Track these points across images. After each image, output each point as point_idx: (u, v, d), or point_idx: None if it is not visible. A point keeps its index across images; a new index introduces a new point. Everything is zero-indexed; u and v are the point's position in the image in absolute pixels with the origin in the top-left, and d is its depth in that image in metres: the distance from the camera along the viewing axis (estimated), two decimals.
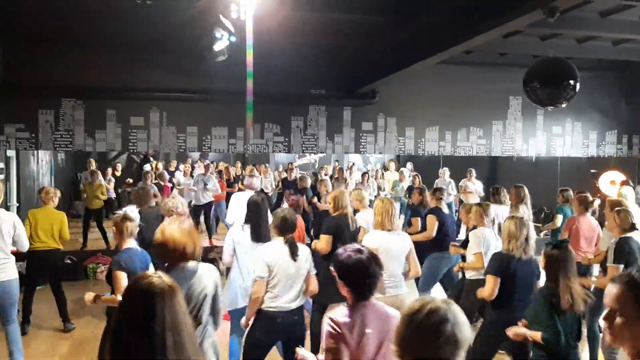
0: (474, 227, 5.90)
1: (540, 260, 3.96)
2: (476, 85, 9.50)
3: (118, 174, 14.61)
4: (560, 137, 9.93)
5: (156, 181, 11.92)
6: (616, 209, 5.41)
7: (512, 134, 9.73)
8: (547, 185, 11.31)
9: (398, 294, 4.89)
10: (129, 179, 14.38)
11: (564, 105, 4.67)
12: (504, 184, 12.39)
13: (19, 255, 8.03)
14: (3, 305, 5.26)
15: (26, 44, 8.01)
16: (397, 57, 7.09)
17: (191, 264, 3.34)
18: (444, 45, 5.93)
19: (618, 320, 1.89)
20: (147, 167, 15.40)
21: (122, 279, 4.24)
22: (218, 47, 6.11)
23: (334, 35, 7.42)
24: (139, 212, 6.25)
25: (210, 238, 11.54)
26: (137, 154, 16.91)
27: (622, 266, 4.95)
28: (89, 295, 4.46)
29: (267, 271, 4.10)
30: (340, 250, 2.99)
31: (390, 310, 2.92)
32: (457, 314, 1.99)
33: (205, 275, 3.34)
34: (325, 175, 13.85)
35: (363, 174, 13.49)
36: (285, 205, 8.37)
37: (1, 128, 8.00)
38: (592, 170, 10.52)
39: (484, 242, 5.62)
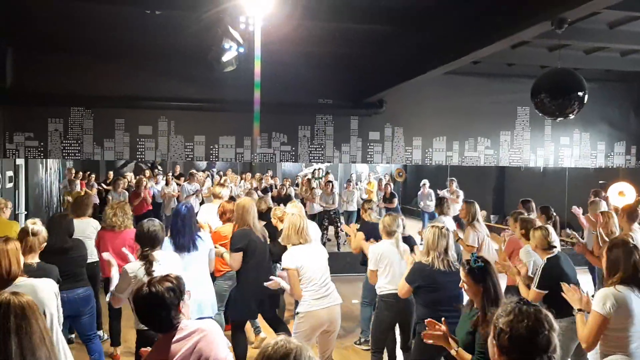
0: None
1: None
2: (484, 96, 9.49)
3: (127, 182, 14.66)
4: (568, 147, 9.89)
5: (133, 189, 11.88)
6: (537, 225, 5.17)
7: (520, 144, 9.70)
8: (555, 196, 11.26)
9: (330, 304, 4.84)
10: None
11: (572, 117, 4.65)
12: (512, 194, 12.38)
13: None
14: None
15: (36, 53, 8.09)
16: (405, 67, 7.10)
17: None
18: (451, 55, 5.94)
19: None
20: (127, 173, 15.41)
21: None
22: (226, 57, 6.13)
23: (342, 45, 7.44)
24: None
25: None
26: (145, 163, 16.98)
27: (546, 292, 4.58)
28: None
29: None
30: None
31: None
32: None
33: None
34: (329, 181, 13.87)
35: (347, 181, 13.57)
36: None
37: (10, 137, 8.06)
38: (600, 181, 10.47)
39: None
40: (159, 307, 2.70)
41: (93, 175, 14.39)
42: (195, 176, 12.62)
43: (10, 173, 9.04)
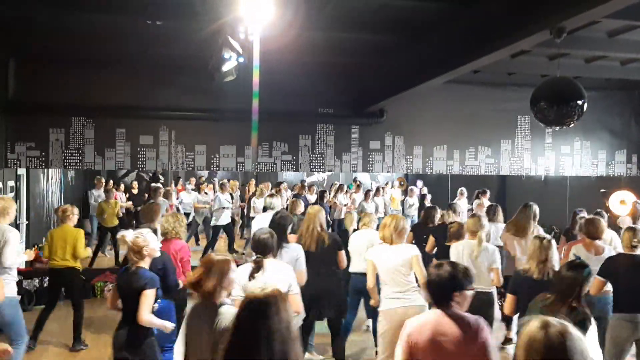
0: None
1: None
2: (484, 105, 9.50)
3: (135, 191, 14.70)
4: (569, 156, 9.88)
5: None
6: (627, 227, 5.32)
7: (521, 153, 9.70)
8: (557, 204, 11.23)
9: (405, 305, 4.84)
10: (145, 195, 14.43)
11: (571, 125, 4.65)
12: (514, 203, 12.34)
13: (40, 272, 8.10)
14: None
15: (38, 64, 8.13)
16: (405, 76, 7.12)
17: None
18: (451, 64, 5.95)
19: None
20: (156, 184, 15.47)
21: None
22: (226, 67, 6.17)
23: (342, 55, 7.47)
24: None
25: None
26: (146, 172, 16.99)
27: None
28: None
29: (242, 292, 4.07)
30: None
31: None
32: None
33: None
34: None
35: (366, 193, 13.42)
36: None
37: (12, 146, 8.09)
38: (602, 190, 10.44)
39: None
40: None
41: (121, 186, 14.54)
42: (227, 186, 12.64)
43: (11, 183, 9.05)
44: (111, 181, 14.49)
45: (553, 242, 4.62)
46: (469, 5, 5.38)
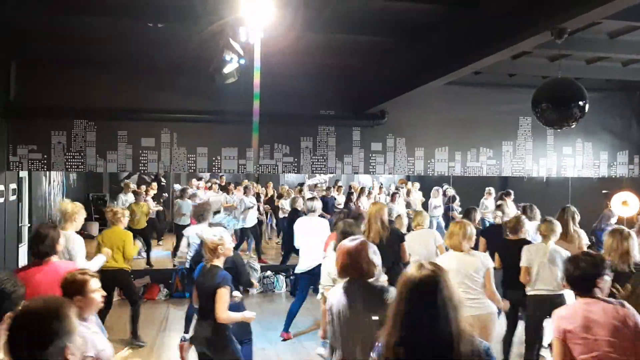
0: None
1: None
2: (485, 106, 9.50)
3: (154, 192, 14.70)
4: (570, 157, 9.88)
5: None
6: None
7: (522, 154, 9.69)
8: (558, 205, 11.19)
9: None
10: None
11: (572, 126, 4.65)
12: (515, 203, 12.31)
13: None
14: None
15: (39, 66, 8.15)
16: (406, 77, 7.12)
17: None
18: (452, 66, 5.95)
19: None
20: (177, 186, 15.57)
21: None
22: (228, 69, 6.17)
23: (343, 57, 7.48)
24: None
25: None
26: (148, 175, 17.01)
27: None
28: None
29: (331, 281, 4.37)
30: None
31: None
32: None
33: None
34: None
35: (393, 195, 13.35)
36: None
37: (14, 149, 8.11)
38: (603, 191, 10.43)
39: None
40: None
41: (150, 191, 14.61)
42: (252, 189, 12.73)
43: (13, 185, 9.05)
44: (143, 185, 14.59)
45: (633, 233, 4.66)
46: (470, 6, 5.38)
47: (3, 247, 8.32)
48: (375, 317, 3.10)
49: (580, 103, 4.51)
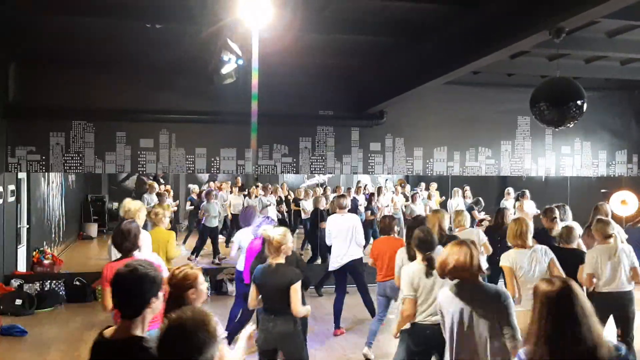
0: None
1: None
2: (484, 106, 9.50)
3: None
4: (569, 156, 9.89)
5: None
6: None
7: (521, 153, 9.70)
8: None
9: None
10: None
11: (571, 126, 4.65)
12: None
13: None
14: None
15: (38, 67, 8.15)
16: (405, 78, 7.12)
17: None
18: (451, 65, 5.96)
19: None
20: (194, 187, 15.53)
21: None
22: (226, 70, 6.17)
23: (342, 57, 7.48)
24: None
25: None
26: (147, 176, 17.00)
27: None
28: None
29: (413, 290, 4.25)
30: None
31: None
32: None
33: None
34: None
35: (413, 195, 13.32)
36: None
37: (12, 151, 8.10)
38: (602, 190, 10.43)
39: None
40: None
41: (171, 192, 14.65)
42: (270, 188, 12.89)
43: (12, 187, 9.04)
44: (168, 185, 14.63)
45: None
46: (469, 6, 5.38)
47: (2, 248, 8.32)
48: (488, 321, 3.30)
49: (579, 102, 4.51)
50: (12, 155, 8.10)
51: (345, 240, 7.25)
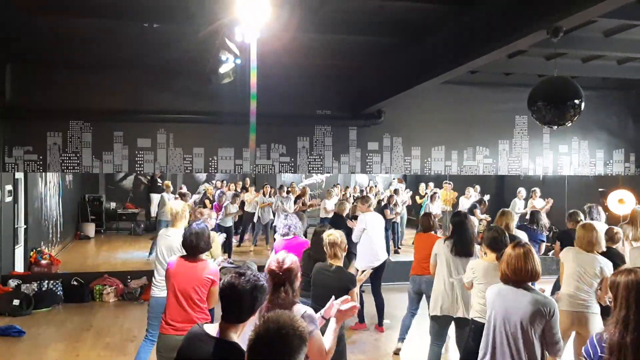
0: None
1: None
2: (482, 105, 9.51)
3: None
4: (567, 155, 9.90)
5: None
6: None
7: (519, 153, 9.71)
8: (555, 204, 11.23)
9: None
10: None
11: (568, 125, 4.65)
12: (511, 201, 12.33)
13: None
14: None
15: (35, 68, 8.13)
16: (403, 77, 7.12)
17: None
18: (449, 65, 5.95)
19: None
20: (208, 186, 15.60)
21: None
22: (224, 69, 6.16)
23: (339, 56, 7.47)
24: None
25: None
26: (144, 176, 16.98)
27: None
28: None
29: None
30: None
31: None
32: None
33: None
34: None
35: (432, 195, 13.34)
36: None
37: (10, 150, 8.08)
38: (600, 189, 10.45)
39: None
40: None
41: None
42: (286, 188, 13.12)
43: (9, 187, 9.03)
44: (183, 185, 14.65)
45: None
46: (466, 6, 5.38)
47: None
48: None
49: (576, 101, 4.51)
50: (9, 155, 8.08)
51: (380, 238, 7.52)
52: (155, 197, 14.92)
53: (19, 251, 9.66)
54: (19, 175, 9.54)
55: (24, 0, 5.67)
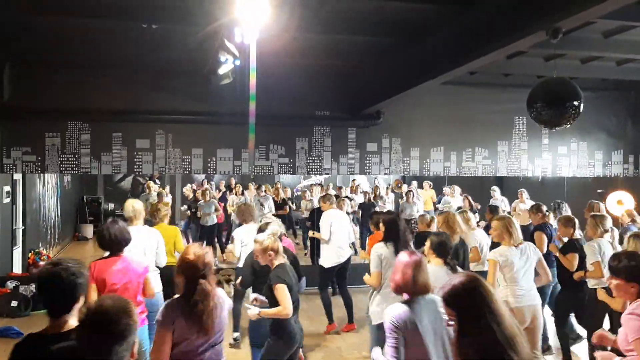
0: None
1: None
2: (481, 106, 9.51)
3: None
4: (566, 157, 9.90)
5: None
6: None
7: (518, 154, 9.71)
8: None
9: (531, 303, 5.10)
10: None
11: (567, 126, 4.65)
12: (510, 202, 12.31)
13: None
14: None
15: (33, 68, 8.11)
16: (402, 78, 7.11)
17: None
18: (448, 66, 5.94)
19: None
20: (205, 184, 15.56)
21: (286, 291, 4.32)
22: (223, 70, 6.15)
23: (338, 57, 7.46)
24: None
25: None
26: (143, 176, 16.98)
27: None
28: (253, 311, 4.43)
29: None
30: None
31: None
32: None
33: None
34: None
35: (407, 192, 13.24)
36: None
37: (8, 151, 8.06)
38: (598, 190, 10.45)
39: (599, 252, 5.63)
40: None
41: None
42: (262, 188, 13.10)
43: (7, 188, 9.02)
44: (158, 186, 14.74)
45: None
46: (465, 6, 5.38)
47: None
48: None
49: (575, 102, 4.51)
50: (7, 156, 8.06)
51: (343, 235, 7.55)
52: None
53: (17, 252, 9.64)
54: (17, 176, 9.52)
55: (23, 0, 5.66)
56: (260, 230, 5.36)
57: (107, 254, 4.49)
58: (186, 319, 3.27)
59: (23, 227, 9.99)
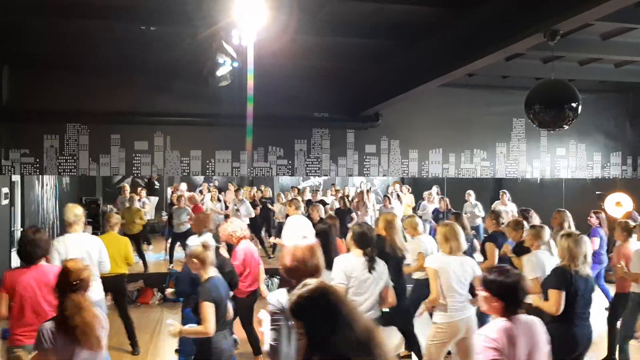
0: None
1: None
2: (479, 108, 9.51)
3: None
4: (564, 158, 9.90)
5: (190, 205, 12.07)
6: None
7: (516, 156, 9.71)
8: (552, 207, 11.22)
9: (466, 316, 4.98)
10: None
11: (566, 128, 4.66)
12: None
13: None
14: None
15: (31, 70, 8.10)
16: (400, 80, 7.12)
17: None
18: (446, 68, 5.95)
19: None
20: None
21: (211, 310, 4.16)
22: (221, 72, 6.14)
23: (337, 59, 7.47)
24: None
25: None
26: (142, 178, 16.97)
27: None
28: (175, 328, 4.32)
29: (346, 279, 4.37)
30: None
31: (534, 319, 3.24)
32: None
33: None
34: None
35: (385, 197, 13.25)
36: None
37: (6, 153, 8.05)
38: (597, 192, 10.47)
39: (538, 267, 5.39)
40: None
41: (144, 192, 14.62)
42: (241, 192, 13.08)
43: (5, 190, 9.01)
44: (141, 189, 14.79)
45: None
46: (463, 9, 5.39)
47: None
48: None
49: (574, 104, 4.52)
50: (5, 157, 8.05)
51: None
52: (152, 200, 14.94)
53: (16, 254, 9.62)
54: (16, 178, 9.51)
55: (22, 1, 5.66)
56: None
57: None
58: (64, 335, 3.29)
59: (21, 229, 9.98)
